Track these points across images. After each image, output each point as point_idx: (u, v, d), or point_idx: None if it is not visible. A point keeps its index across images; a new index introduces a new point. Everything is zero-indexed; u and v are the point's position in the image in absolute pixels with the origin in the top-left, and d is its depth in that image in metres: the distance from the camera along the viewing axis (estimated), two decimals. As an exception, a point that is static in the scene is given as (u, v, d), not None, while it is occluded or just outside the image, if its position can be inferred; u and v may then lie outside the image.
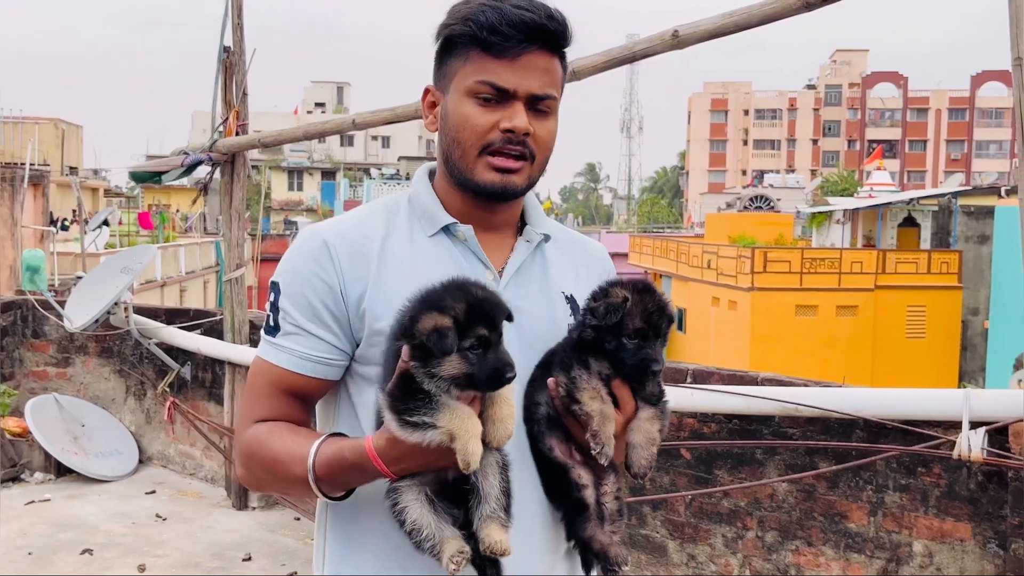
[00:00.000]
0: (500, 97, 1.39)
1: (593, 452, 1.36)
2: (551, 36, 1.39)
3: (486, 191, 1.42)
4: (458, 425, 1.21)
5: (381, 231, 1.46)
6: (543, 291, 1.50)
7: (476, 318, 1.23)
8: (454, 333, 1.21)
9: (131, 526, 5.33)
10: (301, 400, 1.47)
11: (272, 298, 1.47)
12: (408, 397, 1.24)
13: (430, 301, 1.25)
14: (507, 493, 1.30)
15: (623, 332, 1.38)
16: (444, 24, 1.43)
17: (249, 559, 4.88)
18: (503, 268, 1.49)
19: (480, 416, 1.25)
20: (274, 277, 1.47)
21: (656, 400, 1.44)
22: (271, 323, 1.46)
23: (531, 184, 1.46)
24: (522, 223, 1.55)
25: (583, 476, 1.42)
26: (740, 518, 3.75)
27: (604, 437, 1.36)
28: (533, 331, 1.45)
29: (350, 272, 1.42)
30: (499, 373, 1.23)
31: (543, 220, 1.56)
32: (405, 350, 1.25)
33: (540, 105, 1.41)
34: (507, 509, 1.29)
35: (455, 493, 1.29)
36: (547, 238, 1.54)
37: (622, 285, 1.43)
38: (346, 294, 1.42)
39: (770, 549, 3.66)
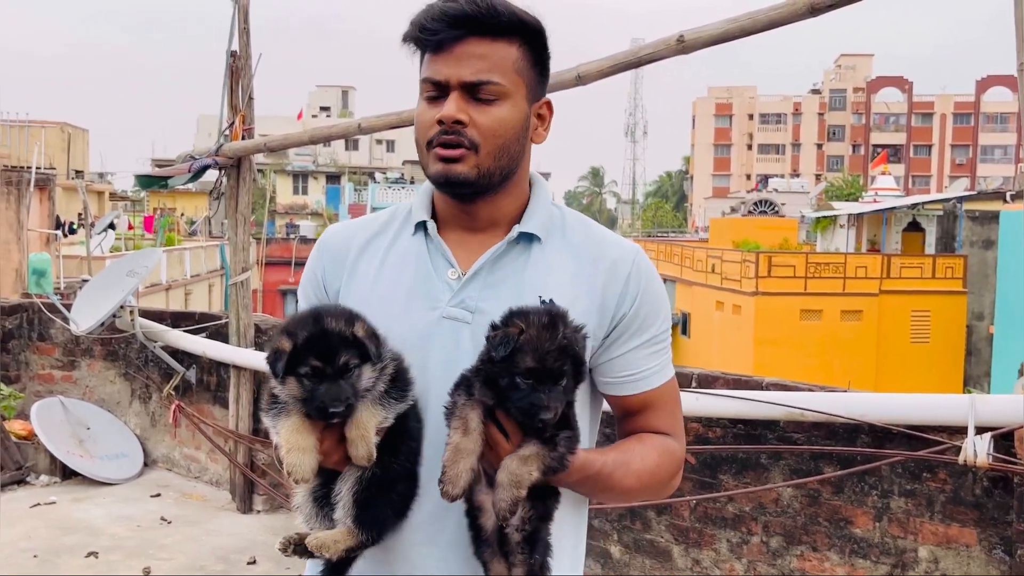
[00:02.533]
0: (441, 91, 1.41)
1: (439, 486, 1.30)
2: (479, 21, 1.38)
3: (436, 183, 1.45)
4: (285, 435, 1.31)
5: (373, 231, 1.55)
6: (514, 293, 1.43)
7: (312, 349, 1.30)
8: (286, 359, 1.30)
9: (136, 529, 5.34)
10: None
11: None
12: (271, 398, 1.37)
13: (288, 323, 1.36)
14: (362, 505, 1.35)
15: (515, 370, 1.28)
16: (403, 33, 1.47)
17: (254, 562, 4.89)
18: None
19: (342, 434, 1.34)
20: None
21: (549, 435, 1.31)
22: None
23: (483, 174, 1.41)
24: None
25: (483, 500, 1.35)
26: (745, 523, 3.74)
27: (450, 474, 1.29)
28: None
29: (330, 268, 1.55)
30: (324, 406, 1.29)
31: (537, 219, 1.49)
32: None
33: (479, 93, 1.39)
34: (359, 520, 1.35)
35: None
36: (535, 238, 1.47)
37: (525, 315, 1.31)
38: (328, 288, 1.56)
39: (775, 554, 3.66)
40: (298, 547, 1.36)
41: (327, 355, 1.30)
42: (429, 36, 1.39)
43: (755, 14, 3.03)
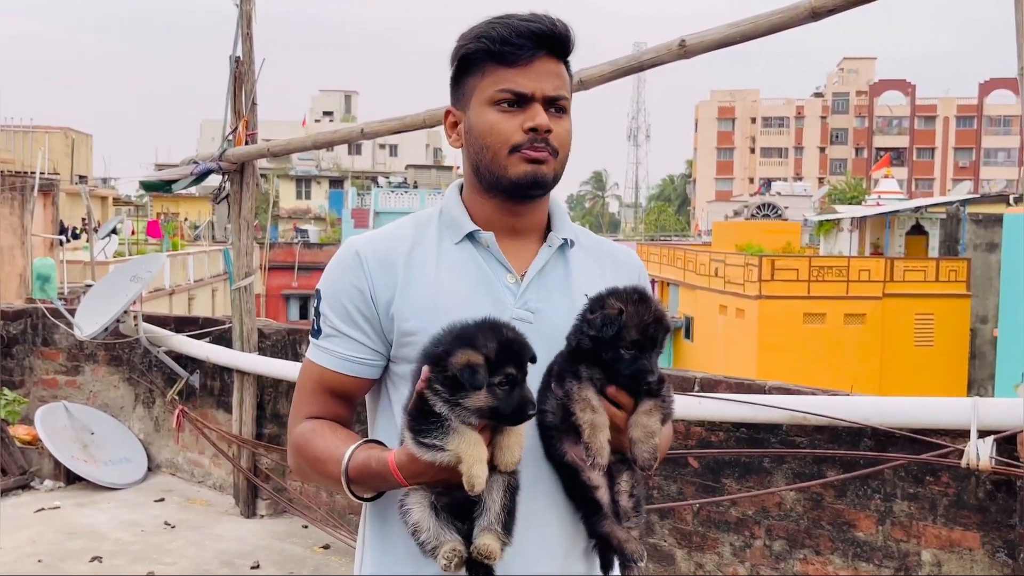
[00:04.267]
0: (520, 102, 1.52)
1: (587, 463, 1.43)
2: (558, 42, 1.53)
3: (520, 183, 1.52)
4: (465, 450, 1.33)
5: (409, 241, 1.59)
6: (565, 294, 1.57)
7: (506, 358, 1.35)
8: (485, 370, 1.33)
9: (140, 534, 5.35)
10: (343, 398, 1.60)
11: (316, 304, 1.62)
12: (423, 419, 1.36)
13: (464, 337, 1.36)
14: (509, 512, 1.39)
15: (620, 344, 1.42)
16: (458, 46, 1.56)
17: (257, 567, 4.90)
18: (525, 272, 1.57)
19: (490, 441, 1.36)
20: (318, 285, 1.62)
21: (656, 391, 1.46)
22: (315, 327, 1.60)
23: (556, 178, 1.56)
24: (549, 230, 1.63)
25: (594, 478, 1.47)
26: (748, 527, 3.74)
27: (595, 448, 1.41)
28: (554, 333, 1.52)
29: (379, 279, 1.54)
30: (522, 409, 1.35)
31: (568, 226, 1.65)
32: (424, 371, 1.36)
33: (556, 105, 1.54)
34: (506, 526, 1.39)
35: (463, 509, 1.40)
36: (571, 243, 1.62)
37: (618, 295, 1.46)
38: (376, 298, 1.54)
39: (778, 558, 3.66)
40: (459, 559, 1.35)
41: (519, 362, 1.36)
42: (513, 51, 1.49)
43: (757, 19, 3.04)
